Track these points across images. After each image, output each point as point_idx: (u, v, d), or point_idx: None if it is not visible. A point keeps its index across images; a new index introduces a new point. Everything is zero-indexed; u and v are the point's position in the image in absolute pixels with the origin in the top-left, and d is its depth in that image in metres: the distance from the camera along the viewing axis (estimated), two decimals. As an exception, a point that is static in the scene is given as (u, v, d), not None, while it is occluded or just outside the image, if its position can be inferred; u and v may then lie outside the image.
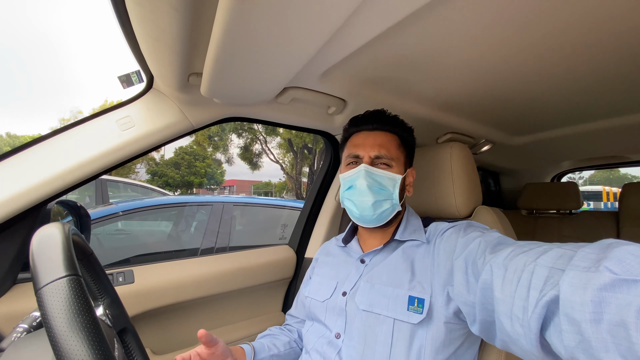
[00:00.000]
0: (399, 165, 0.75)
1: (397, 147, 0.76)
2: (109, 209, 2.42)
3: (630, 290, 0.30)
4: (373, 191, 0.71)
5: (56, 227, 0.39)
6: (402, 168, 0.76)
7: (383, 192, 0.72)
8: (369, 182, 0.71)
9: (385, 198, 0.72)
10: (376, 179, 0.72)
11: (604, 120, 1.14)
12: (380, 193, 0.71)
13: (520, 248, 0.47)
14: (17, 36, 78.35)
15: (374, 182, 0.71)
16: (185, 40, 0.58)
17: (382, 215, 0.72)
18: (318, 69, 0.76)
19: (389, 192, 0.72)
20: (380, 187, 0.72)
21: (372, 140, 0.75)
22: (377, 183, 0.72)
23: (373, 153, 0.73)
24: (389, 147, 0.75)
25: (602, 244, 0.37)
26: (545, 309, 0.37)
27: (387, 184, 0.72)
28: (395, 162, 0.74)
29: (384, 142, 0.75)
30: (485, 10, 0.56)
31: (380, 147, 0.74)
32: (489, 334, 0.51)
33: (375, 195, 0.71)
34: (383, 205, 0.72)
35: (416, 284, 0.65)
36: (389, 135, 0.77)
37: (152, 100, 0.83)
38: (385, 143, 0.75)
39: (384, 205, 0.72)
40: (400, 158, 0.76)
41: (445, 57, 0.73)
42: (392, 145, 0.75)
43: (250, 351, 0.75)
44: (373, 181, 0.71)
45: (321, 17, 0.49)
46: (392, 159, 0.74)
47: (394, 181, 0.73)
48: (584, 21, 0.58)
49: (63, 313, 0.31)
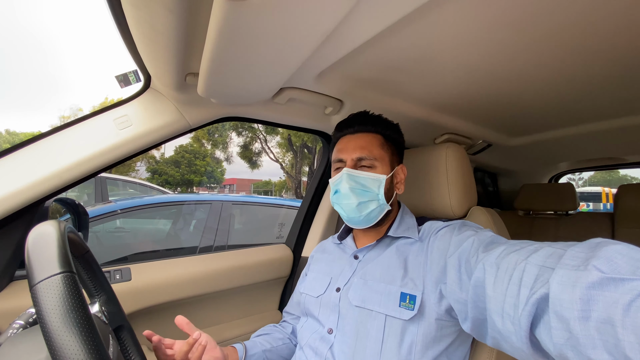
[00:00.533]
0: (383, 165, 0.75)
1: (381, 147, 0.76)
2: (108, 207, 2.42)
3: (617, 288, 0.31)
4: (356, 193, 0.72)
5: (52, 224, 0.40)
6: (388, 167, 0.76)
7: (367, 194, 0.72)
8: (352, 184, 0.72)
9: (370, 199, 0.72)
10: (359, 181, 0.73)
11: (600, 122, 1.14)
12: (363, 194, 0.72)
13: (512, 247, 0.47)
14: (18, 34, 78.25)
15: (356, 185, 0.72)
16: (181, 41, 0.59)
17: (369, 216, 0.73)
18: (314, 69, 0.76)
19: (373, 193, 0.73)
20: (364, 189, 0.72)
21: (353, 143, 0.76)
22: (360, 185, 0.72)
23: (355, 155, 0.74)
24: (371, 147, 0.75)
25: (591, 243, 0.38)
26: (535, 306, 0.38)
27: (370, 185, 0.73)
28: (379, 162, 0.74)
29: (366, 144, 0.75)
30: (482, 12, 0.56)
31: (362, 148, 0.75)
32: (480, 331, 0.51)
33: (359, 197, 0.71)
34: (369, 206, 0.72)
35: (408, 281, 0.66)
36: (371, 136, 0.77)
37: (150, 100, 0.84)
38: (367, 144, 0.75)
39: (369, 206, 0.72)
40: (385, 157, 0.76)
41: (441, 58, 0.73)
42: (375, 145, 0.76)
43: (242, 349, 0.76)
44: (355, 183, 0.72)
45: (316, 18, 0.50)
46: (374, 159, 0.74)
47: (378, 181, 0.73)
48: (580, 23, 0.58)
49: (57, 309, 0.31)
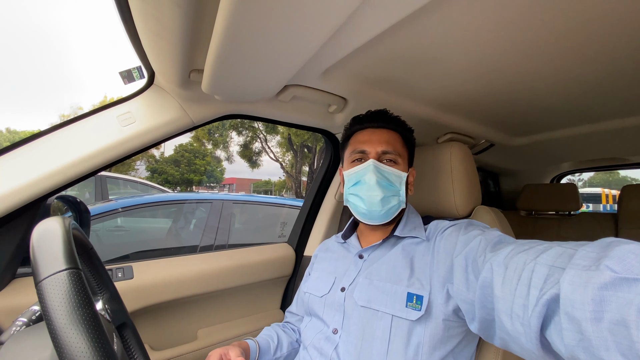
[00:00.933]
0: (404, 163, 0.76)
1: (402, 145, 0.77)
2: (108, 205, 2.42)
3: (631, 288, 0.30)
4: (382, 186, 0.71)
5: (57, 220, 0.39)
6: (407, 166, 0.77)
7: (391, 189, 0.72)
8: (378, 177, 0.71)
9: (393, 194, 0.72)
10: (384, 174, 0.72)
11: (603, 122, 1.14)
12: (388, 189, 0.71)
13: (521, 246, 0.47)
14: (18, 32, 78.21)
15: (382, 178, 0.71)
16: (187, 37, 0.58)
17: (389, 211, 0.72)
18: (319, 67, 0.76)
19: (396, 188, 0.73)
20: (389, 183, 0.72)
21: (378, 136, 0.75)
22: (386, 179, 0.72)
23: (380, 148, 0.74)
24: (395, 143, 0.75)
25: (603, 242, 0.37)
26: (545, 307, 0.37)
27: (394, 181, 0.73)
28: (401, 159, 0.75)
29: (390, 139, 0.75)
30: (486, 11, 0.56)
31: (387, 143, 0.74)
32: (487, 332, 0.51)
33: (384, 191, 0.71)
34: (391, 201, 0.72)
35: (415, 281, 0.65)
36: (393, 133, 0.77)
37: (153, 97, 0.83)
38: (391, 140, 0.75)
39: (392, 201, 0.72)
40: (405, 155, 0.77)
41: (446, 57, 0.73)
42: (398, 142, 0.77)
43: (255, 347, 0.75)
44: (382, 176, 0.71)
45: (322, 15, 0.49)
46: (398, 155, 0.75)
47: (401, 178, 0.74)
48: (585, 23, 0.58)
49: (63, 306, 0.31)
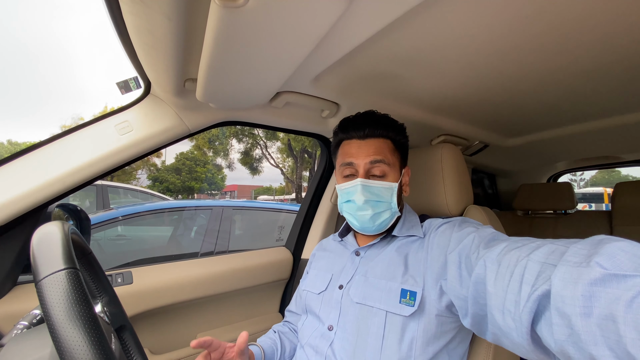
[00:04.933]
0: (394, 172, 0.74)
1: (392, 153, 0.75)
2: (109, 214, 2.44)
3: (620, 284, 0.31)
4: (371, 205, 0.71)
5: (56, 225, 0.41)
6: (397, 173, 0.75)
7: (381, 204, 0.72)
8: (367, 196, 0.70)
9: (384, 209, 0.72)
10: (373, 191, 0.71)
11: (597, 121, 1.14)
12: (378, 205, 0.71)
13: (514, 243, 0.48)
14: (20, 45, 79.09)
15: (371, 196, 0.71)
16: (179, 48, 0.61)
17: (381, 224, 0.73)
18: (309, 73, 0.78)
19: (387, 202, 0.72)
20: (378, 200, 0.71)
21: (365, 150, 0.73)
22: (375, 195, 0.71)
23: (367, 162, 0.72)
24: (383, 154, 0.73)
25: (594, 240, 0.38)
26: (536, 303, 0.38)
27: (384, 195, 0.72)
28: (391, 169, 0.73)
29: (377, 150, 0.73)
30: (475, 14, 0.56)
31: (376, 153, 0.73)
32: (480, 327, 0.51)
33: (374, 209, 0.71)
34: (382, 216, 0.72)
35: (409, 278, 0.66)
36: (381, 141, 0.75)
37: (150, 106, 0.86)
38: (378, 151, 0.73)
39: (382, 215, 0.72)
40: (396, 163, 0.75)
41: (437, 60, 0.73)
42: (386, 151, 0.74)
43: (260, 354, 0.76)
44: (370, 194, 0.71)
45: (309, 22, 0.51)
46: (388, 164, 0.73)
47: (391, 190, 0.72)
48: (576, 22, 0.59)
49: (61, 303, 0.33)
